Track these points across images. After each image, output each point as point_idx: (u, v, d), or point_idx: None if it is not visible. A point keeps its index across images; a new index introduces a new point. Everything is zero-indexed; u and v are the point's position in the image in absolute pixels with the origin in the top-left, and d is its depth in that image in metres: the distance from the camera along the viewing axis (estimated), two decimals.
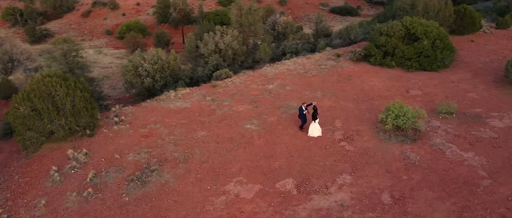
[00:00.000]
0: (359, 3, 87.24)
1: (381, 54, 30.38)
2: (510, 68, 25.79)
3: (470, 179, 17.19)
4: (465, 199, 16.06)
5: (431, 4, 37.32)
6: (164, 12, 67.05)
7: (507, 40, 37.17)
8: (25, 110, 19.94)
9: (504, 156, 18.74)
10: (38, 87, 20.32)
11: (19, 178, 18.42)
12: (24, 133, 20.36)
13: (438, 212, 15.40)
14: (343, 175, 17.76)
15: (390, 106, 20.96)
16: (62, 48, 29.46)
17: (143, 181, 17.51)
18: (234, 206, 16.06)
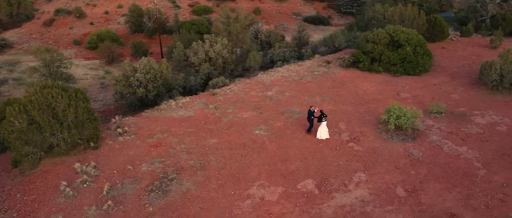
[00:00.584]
0: (330, 13, 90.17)
1: (369, 60, 32.01)
2: (484, 71, 28.03)
3: (468, 170, 18.73)
4: (468, 188, 17.51)
5: (406, 14, 39.67)
6: (138, 21, 66.23)
7: (472, 47, 40.15)
8: (22, 123, 19.19)
9: (492, 148, 20.52)
10: (37, 99, 19.64)
11: (22, 196, 17.72)
12: (20, 148, 19.53)
13: (447, 201, 16.69)
14: (357, 173, 18.75)
15: (390, 108, 22.30)
16: (45, 58, 28.62)
17: (163, 190, 17.61)
18: (262, 208, 16.57)
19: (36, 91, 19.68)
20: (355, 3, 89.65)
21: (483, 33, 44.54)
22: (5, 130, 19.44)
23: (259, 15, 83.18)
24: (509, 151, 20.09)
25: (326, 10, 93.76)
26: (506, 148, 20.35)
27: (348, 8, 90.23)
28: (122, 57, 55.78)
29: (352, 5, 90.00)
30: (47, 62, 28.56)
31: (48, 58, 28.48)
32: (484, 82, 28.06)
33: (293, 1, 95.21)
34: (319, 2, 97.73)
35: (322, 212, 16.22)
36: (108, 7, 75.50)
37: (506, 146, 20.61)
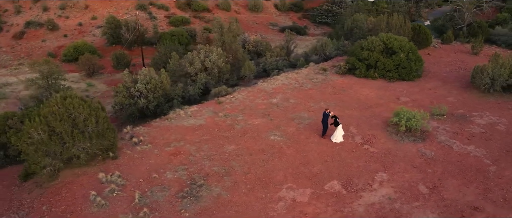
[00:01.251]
0: (305, 23, 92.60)
1: (364, 67, 33.59)
2: (476, 75, 30.19)
3: (480, 167, 20.26)
4: (483, 183, 18.97)
5: (393, 22, 41.86)
6: (115, 33, 65.68)
7: (455, 53, 42.83)
8: (43, 135, 19.20)
9: (497, 146, 22.25)
10: (58, 109, 19.76)
11: (49, 208, 17.62)
12: (41, 160, 19.58)
13: (467, 195, 18.05)
14: (378, 173, 19.86)
15: (399, 111, 23.71)
16: (42, 70, 28.33)
17: (195, 196, 18.00)
18: (295, 209, 17.30)
19: (57, 102, 19.64)
20: (330, 14, 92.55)
21: (462, 40, 47.53)
22: (23, 141, 19.23)
23: None
24: None
25: (301, 21, 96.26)
26: (509, 146, 22.10)
27: (323, 18, 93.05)
28: (103, 69, 55.41)
29: (327, 16, 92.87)
30: (45, 74, 28.18)
31: (46, 70, 28.12)
32: (476, 86, 30.15)
33: (268, 12, 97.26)
34: (293, 13, 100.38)
35: (354, 211, 17.13)
36: (81, 19, 74.43)
37: (509, 143, 22.38)
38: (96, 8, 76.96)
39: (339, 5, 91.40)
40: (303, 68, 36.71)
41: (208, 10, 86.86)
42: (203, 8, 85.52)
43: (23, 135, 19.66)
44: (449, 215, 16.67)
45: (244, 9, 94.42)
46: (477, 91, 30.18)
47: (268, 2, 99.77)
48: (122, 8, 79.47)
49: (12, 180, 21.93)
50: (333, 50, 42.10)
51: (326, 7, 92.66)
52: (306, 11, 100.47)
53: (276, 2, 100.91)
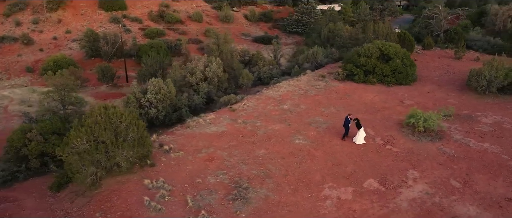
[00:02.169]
0: (276, 33, 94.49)
1: (362, 73, 35.24)
2: (472, 78, 32.58)
3: (501, 162, 22.02)
4: (509, 176, 20.66)
5: (380, 30, 44.11)
6: (94, 46, 64.46)
7: (439, 58, 45.68)
8: (90, 144, 19.25)
9: (510, 143, 24.22)
10: (103, 119, 19.79)
11: (104, 214, 17.70)
12: (86, 169, 19.42)
13: (498, 188, 19.64)
14: (409, 171, 21.13)
15: (414, 113, 25.26)
16: (57, 83, 27.90)
17: (244, 198, 18.45)
18: (343, 206, 18.14)
19: (100, 112, 19.63)
20: (300, 23, 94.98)
21: (441, 46, 50.69)
22: (67, 151, 19.10)
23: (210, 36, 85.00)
24: None
25: (272, 30, 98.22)
26: None
27: (294, 28, 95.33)
28: (88, 82, 54.23)
29: (297, 25, 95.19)
30: (60, 87, 27.68)
31: (61, 83, 27.63)
32: (473, 88, 32.50)
33: (239, 23, 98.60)
34: (264, 23, 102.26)
35: (399, 206, 18.20)
36: (55, 33, 72.48)
37: None
38: (69, 22, 75.41)
39: (308, 15, 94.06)
40: (302, 75, 37.87)
41: (181, 22, 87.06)
42: (176, 20, 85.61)
43: (67, 145, 19.50)
44: (487, 207, 18.07)
45: (215, 20, 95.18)
46: (474, 93, 32.50)
47: (238, 13, 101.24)
48: (96, 21, 78.20)
49: (42, 192, 21.74)
50: (324, 58, 43.59)
51: (296, 17, 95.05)
52: (275, 21, 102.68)
53: (246, 13, 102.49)
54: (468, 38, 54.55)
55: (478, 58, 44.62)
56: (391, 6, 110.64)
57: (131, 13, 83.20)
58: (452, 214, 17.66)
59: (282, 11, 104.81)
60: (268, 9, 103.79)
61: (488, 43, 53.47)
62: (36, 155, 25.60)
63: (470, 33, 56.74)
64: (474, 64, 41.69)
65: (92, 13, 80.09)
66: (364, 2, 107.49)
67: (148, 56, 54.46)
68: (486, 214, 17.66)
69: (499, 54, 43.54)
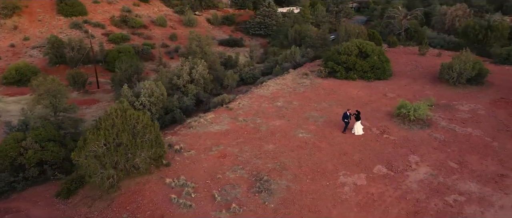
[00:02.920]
0: (239, 35, 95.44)
1: (344, 70, 36.96)
2: (444, 71, 35.22)
3: (485, 143, 24.24)
4: (496, 155, 22.83)
5: (352, 30, 46.29)
6: (58, 52, 62.15)
7: (405, 55, 48.57)
8: (109, 146, 19.16)
9: (488, 127, 26.64)
10: (121, 121, 19.70)
11: (132, 215, 17.73)
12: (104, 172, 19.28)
13: (489, 166, 21.69)
14: (410, 156, 22.76)
15: (403, 104, 27.10)
16: (48, 89, 27.08)
17: (268, 189, 19.13)
18: (361, 191, 19.33)
19: (117, 114, 19.49)
20: (262, 25, 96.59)
21: (404, 44, 53.89)
22: (84, 155, 18.84)
23: (176, 40, 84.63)
24: (501, 128, 26.38)
25: (235, 33, 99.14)
26: (497, 126, 26.65)
27: (257, 30, 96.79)
28: None
29: (259, 27, 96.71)
30: (52, 93, 26.80)
31: (53, 89, 26.76)
32: (444, 80, 35.14)
33: (203, 26, 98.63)
34: (226, 26, 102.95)
35: (410, 187, 19.67)
36: (12, 40, 68.91)
37: (496, 124, 26.91)
38: (26, 29, 72.04)
39: (270, 18, 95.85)
40: (286, 74, 38.97)
41: (144, 26, 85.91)
42: (139, 24, 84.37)
43: (82, 149, 19.21)
44: (485, 183, 19.97)
45: (179, 24, 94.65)
46: (446, 84, 35.14)
47: (201, 17, 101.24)
48: (55, 27, 75.29)
49: (48, 200, 21.24)
50: (301, 58, 45.06)
51: (259, 19, 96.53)
52: (238, 25, 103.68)
53: (209, 17, 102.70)
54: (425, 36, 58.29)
55: (440, 54, 47.98)
56: (346, 8, 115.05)
57: (93, 19, 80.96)
58: (457, 191, 19.34)
59: (243, 15, 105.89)
60: (230, 13, 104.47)
61: (444, 40, 57.52)
62: (34, 164, 24.79)
63: (427, 32, 60.65)
64: (437, 59, 44.93)
65: (50, 19, 77.05)
66: (321, 5, 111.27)
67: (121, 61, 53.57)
68: (486, 189, 19.51)
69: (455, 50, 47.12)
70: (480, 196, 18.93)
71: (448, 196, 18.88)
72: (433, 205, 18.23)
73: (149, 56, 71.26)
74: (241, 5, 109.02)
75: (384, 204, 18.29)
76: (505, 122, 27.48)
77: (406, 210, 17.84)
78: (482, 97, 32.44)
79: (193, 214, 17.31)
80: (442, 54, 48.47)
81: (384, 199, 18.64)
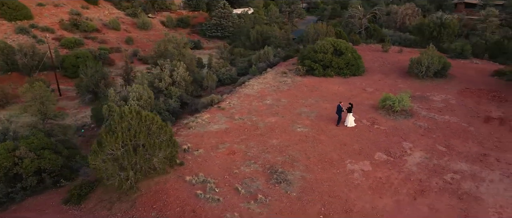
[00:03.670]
0: (196, 37, 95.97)
1: (321, 67, 39.40)
2: (413, 65, 38.75)
3: (463, 128, 27.48)
4: (475, 138, 26.03)
5: (320, 29, 49.06)
6: (9, 59, 59.51)
7: (370, 52, 52.19)
8: (127, 148, 19.79)
9: (461, 114, 30.06)
10: (137, 123, 20.35)
11: (160, 213, 18.56)
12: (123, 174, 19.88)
13: (472, 148, 24.78)
14: (402, 143, 25.35)
15: (388, 97, 29.83)
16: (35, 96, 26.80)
17: (286, 180, 20.70)
18: (370, 176, 21.48)
19: (133, 115, 20.10)
20: (219, 27, 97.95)
21: (366, 42, 57.72)
22: (101, 159, 19.31)
23: (132, 44, 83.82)
24: (473, 114, 29.90)
25: (191, 36, 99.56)
26: (469, 113, 30.13)
27: (213, 32, 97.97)
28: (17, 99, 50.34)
29: (216, 29, 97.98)
30: (41, 99, 26.45)
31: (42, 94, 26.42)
32: (414, 74, 38.64)
33: (157, 29, 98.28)
34: (182, 29, 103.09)
35: (411, 170, 22.13)
36: None
37: (467, 111, 30.39)
38: None
39: (226, 19, 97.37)
40: (265, 73, 40.72)
41: (97, 30, 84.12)
42: (92, 28, 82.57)
43: (97, 153, 19.62)
44: (473, 162, 22.92)
45: (132, 27, 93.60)
46: (415, 78, 38.66)
47: (155, 19, 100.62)
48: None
49: (55, 207, 21.47)
50: (275, 58, 47.07)
51: (215, 21, 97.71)
52: (193, 27, 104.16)
53: (163, 19, 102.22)
54: (383, 34, 62.81)
55: (401, 50, 52.09)
56: (297, 9, 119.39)
57: (40, 23, 78.00)
58: (451, 170, 22.07)
59: (198, 16, 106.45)
60: (184, 15, 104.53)
61: (400, 38, 62.27)
62: (32, 173, 24.55)
63: (384, 30, 65.27)
64: (400, 56, 48.94)
65: None
66: (274, 5, 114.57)
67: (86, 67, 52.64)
68: (475, 167, 22.43)
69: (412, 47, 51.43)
70: (472, 173, 21.75)
71: (445, 175, 21.52)
72: (434, 183, 20.74)
73: (106, 61, 70.01)
74: (195, 7, 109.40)
75: (393, 186, 20.52)
76: (474, 109, 31.08)
77: (413, 189, 20.18)
78: (450, 89, 36.19)
79: (223, 207, 18.45)
80: (403, 50, 52.60)
81: (391, 182, 20.88)
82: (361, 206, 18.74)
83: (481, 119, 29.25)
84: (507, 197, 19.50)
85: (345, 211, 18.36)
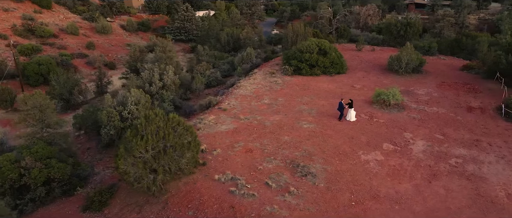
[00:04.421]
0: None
1: (307, 66, 41.44)
2: (392, 62, 41.74)
3: (452, 118, 30.39)
4: (464, 126, 28.92)
5: (299, 30, 51.22)
6: None
7: (345, 51, 54.97)
8: (160, 150, 20.51)
9: (447, 105, 33.09)
10: (165, 125, 21.08)
11: (196, 212, 19.42)
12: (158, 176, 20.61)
13: (465, 135, 27.58)
14: (403, 133, 27.73)
15: (381, 92, 32.28)
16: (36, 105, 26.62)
17: (311, 173, 22.21)
18: (384, 164, 23.53)
19: (161, 118, 20.83)
20: (182, 30, 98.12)
21: (337, 42, 60.72)
22: (131, 163, 19.93)
23: (93, 49, 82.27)
24: (456, 105, 33.00)
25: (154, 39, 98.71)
26: (453, 104, 33.16)
27: (177, 35, 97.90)
28: None
29: (180, 32, 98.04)
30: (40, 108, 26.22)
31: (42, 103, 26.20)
32: (394, 70, 41.63)
33: (118, 33, 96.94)
34: (143, 33, 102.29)
35: (418, 157, 24.43)
36: None
37: (450, 103, 33.44)
38: None
39: (190, 22, 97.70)
40: (253, 74, 42.10)
41: (54, 35, 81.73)
42: (49, 33, 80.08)
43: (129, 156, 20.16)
44: (469, 147, 25.65)
45: (91, 32, 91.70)
46: (395, 74, 41.67)
47: (114, 23, 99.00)
48: None
49: (75, 215, 21.90)
50: (257, 59, 48.61)
51: (178, 24, 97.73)
52: (155, 30, 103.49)
53: (123, 23, 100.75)
54: (352, 34, 66.28)
55: (373, 49, 55.42)
56: (258, 11, 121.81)
57: None
58: (453, 155, 24.62)
59: (158, 20, 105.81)
60: (144, 18, 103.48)
61: (368, 37, 65.92)
62: (41, 183, 24.46)
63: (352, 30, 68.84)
64: (373, 54, 52.20)
65: None
66: (235, 8, 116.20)
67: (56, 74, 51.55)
68: (472, 152, 25.14)
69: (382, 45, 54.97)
70: (471, 157, 24.40)
71: (450, 160, 24.00)
72: (442, 167, 23.12)
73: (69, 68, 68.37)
74: (155, 10, 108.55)
75: (408, 172, 22.66)
76: (456, 100, 34.28)
77: (426, 174, 22.41)
78: (428, 83, 39.43)
79: (260, 201, 19.65)
80: (375, 49, 55.96)
81: (405, 169, 23.02)
82: (385, 192, 20.63)
83: (464, 109, 32.36)
84: (507, 176, 22.20)
85: (373, 197, 20.16)
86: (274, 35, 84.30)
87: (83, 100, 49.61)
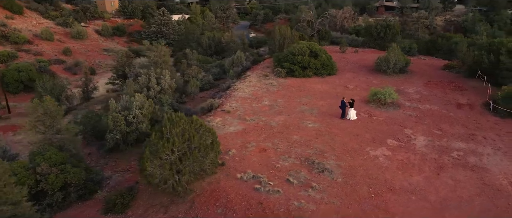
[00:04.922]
0: (136, 46, 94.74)
1: (300, 69, 42.79)
2: (381, 63, 43.71)
3: (446, 115, 32.38)
4: (458, 122, 30.92)
5: (285, 33, 52.57)
6: None
7: (331, 53, 56.52)
8: (186, 152, 21.17)
9: (438, 103, 35.16)
10: (189, 127, 21.76)
11: (225, 210, 20.24)
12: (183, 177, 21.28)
13: (461, 129, 29.55)
14: (404, 130, 29.40)
15: (377, 91, 33.96)
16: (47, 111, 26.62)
17: (326, 169, 23.40)
18: (392, 159, 25.02)
19: (185, 121, 21.51)
20: (159, 35, 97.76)
21: (321, 44, 62.49)
22: (156, 164, 20.54)
23: (70, 55, 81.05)
24: (446, 102, 35.12)
25: (130, 44, 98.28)
26: (442, 101, 35.25)
27: (154, 40, 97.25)
28: None
29: (156, 37, 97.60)
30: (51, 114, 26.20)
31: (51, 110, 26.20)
32: (382, 71, 43.58)
33: (94, 38, 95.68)
34: (118, 37, 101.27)
35: (422, 151, 26.08)
36: None
37: (440, 100, 35.54)
38: None
39: (166, 26, 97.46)
40: (247, 77, 43.03)
41: (29, 41, 79.96)
42: (23, 39, 78.35)
43: (156, 158, 20.74)
44: (466, 140, 27.56)
45: (66, 37, 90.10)
46: (383, 74, 43.65)
47: (88, 28, 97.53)
48: None
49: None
50: (247, 62, 49.60)
51: (154, 28, 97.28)
52: (130, 35, 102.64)
53: (97, 28, 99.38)
54: (333, 36, 68.37)
55: (356, 50, 57.51)
56: (232, 15, 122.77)
57: None
58: (454, 149, 26.43)
59: (134, 24, 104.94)
60: (119, 23, 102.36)
61: (348, 39, 68.15)
62: (58, 188, 24.61)
63: (332, 33, 70.97)
64: (357, 55, 54.30)
65: None
66: (209, 12, 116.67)
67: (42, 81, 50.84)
68: (470, 145, 27.06)
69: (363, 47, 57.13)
70: (471, 150, 26.28)
71: (452, 153, 25.77)
72: (446, 160, 24.84)
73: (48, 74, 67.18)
74: (130, 15, 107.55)
75: (416, 165, 24.22)
76: (445, 98, 36.45)
77: (433, 167, 24.04)
78: (416, 82, 41.60)
79: (286, 197, 20.63)
80: (358, 51, 58.07)
81: (413, 162, 24.57)
82: (399, 184, 22.06)
83: (454, 106, 34.50)
84: (506, 166, 24.13)
85: (389, 189, 21.54)
86: (253, 38, 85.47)
87: (69, 106, 49.06)
